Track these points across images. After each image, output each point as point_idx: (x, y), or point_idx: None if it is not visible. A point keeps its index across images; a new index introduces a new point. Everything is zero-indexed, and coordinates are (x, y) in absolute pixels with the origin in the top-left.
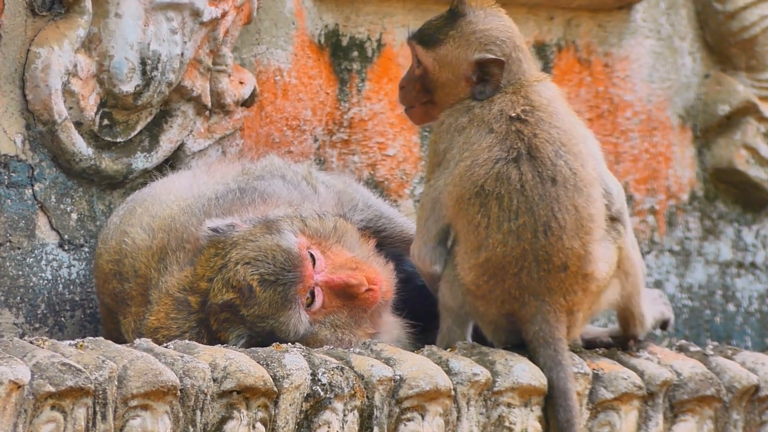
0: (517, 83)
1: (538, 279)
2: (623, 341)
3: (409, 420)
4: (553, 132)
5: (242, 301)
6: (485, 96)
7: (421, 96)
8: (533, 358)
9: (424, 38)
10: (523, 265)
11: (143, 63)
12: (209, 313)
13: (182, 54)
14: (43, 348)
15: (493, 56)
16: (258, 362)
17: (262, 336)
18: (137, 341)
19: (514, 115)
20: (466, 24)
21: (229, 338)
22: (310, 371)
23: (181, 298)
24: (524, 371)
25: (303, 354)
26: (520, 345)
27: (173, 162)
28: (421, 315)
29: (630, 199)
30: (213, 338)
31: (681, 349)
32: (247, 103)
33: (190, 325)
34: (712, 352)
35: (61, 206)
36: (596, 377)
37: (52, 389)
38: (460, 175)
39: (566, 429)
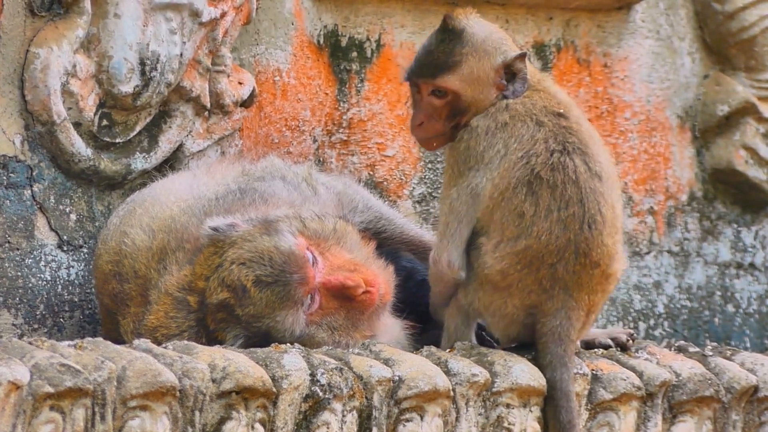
0: (534, 80)
1: (573, 272)
2: (622, 342)
3: (407, 420)
4: (591, 132)
5: (236, 300)
6: (520, 93)
7: (449, 122)
8: (539, 354)
9: (438, 67)
10: (563, 256)
11: (142, 63)
12: (206, 313)
13: (181, 54)
14: (42, 349)
15: (515, 53)
16: (257, 363)
17: (258, 336)
18: (136, 342)
19: (558, 111)
20: (471, 36)
21: (226, 338)
22: (309, 372)
23: (180, 297)
24: (523, 372)
25: (302, 354)
26: (523, 344)
27: (172, 162)
28: (421, 312)
29: (629, 199)
30: (211, 338)
31: (680, 349)
32: (246, 104)
33: (189, 324)
34: (711, 353)
35: (60, 207)
36: (595, 378)
37: (51, 390)
38: (510, 167)
39: (568, 430)
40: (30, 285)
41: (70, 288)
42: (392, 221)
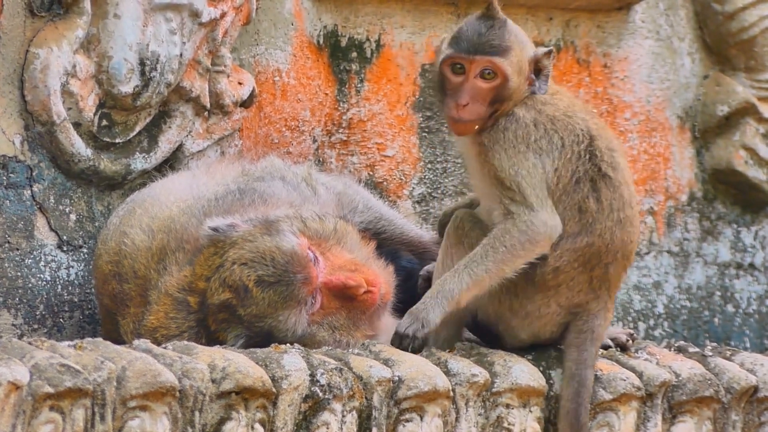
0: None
1: (616, 275)
2: (622, 342)
3: (407, 421)
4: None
5: (238, 301)
6: (544, 90)
7: (490, 108)
8: (572, 350)
9: (494, 48)
10: (616, 257)
11: (142, 64)
12: (207, 313)
13: (181, 55)
14: (41, 349)
15: (544, 49)
16: (257, 363)
17: (260, 336)
18: (136, 342)
19: (592, 111)
20: (512, 27)
21: (228, 338)
22: (309, 372)
23: (180, 297)
24: (523, 372)
25: (302, 355)
26: (528, 347)
27: (172, 163)
28: None
29: None
30: (211, 338)
31: (680, 349)
32: (245, 104)
33: (189, 325)
34: (710, 353)
35: (60, 207)
36: (595, 378)
37: (51, 390)
38: (573, 159)
39: (582, 429)
40: (30, 285)
41: (70, 288)
42: (392, 221)
